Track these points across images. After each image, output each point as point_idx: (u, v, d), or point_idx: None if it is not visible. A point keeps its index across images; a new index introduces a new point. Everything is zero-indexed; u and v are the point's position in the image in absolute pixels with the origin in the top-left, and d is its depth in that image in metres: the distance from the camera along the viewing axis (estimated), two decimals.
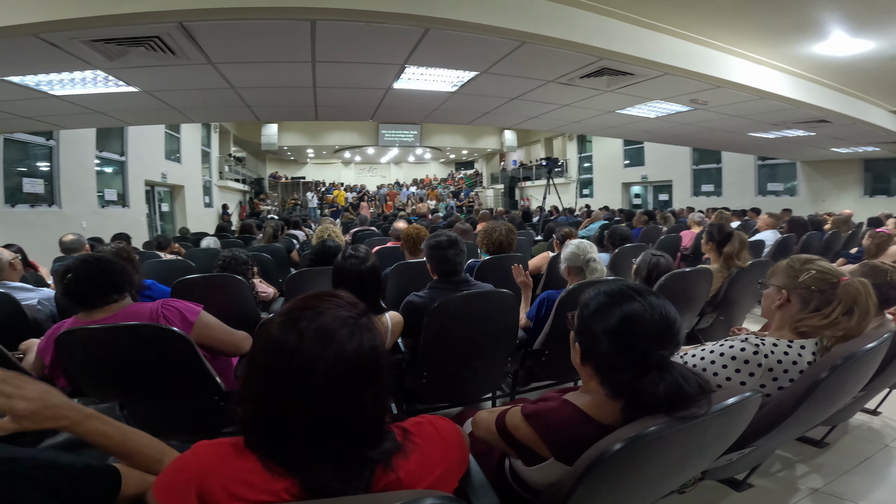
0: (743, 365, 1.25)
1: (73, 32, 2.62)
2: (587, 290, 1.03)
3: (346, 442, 0.69)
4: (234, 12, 2.50)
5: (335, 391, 0.68)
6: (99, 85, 3.79)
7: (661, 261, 2.53)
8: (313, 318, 0.70)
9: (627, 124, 6.48)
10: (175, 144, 11.04)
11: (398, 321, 1.97)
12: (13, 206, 5.90)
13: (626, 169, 14.67)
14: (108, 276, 1.72)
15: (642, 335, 0.89)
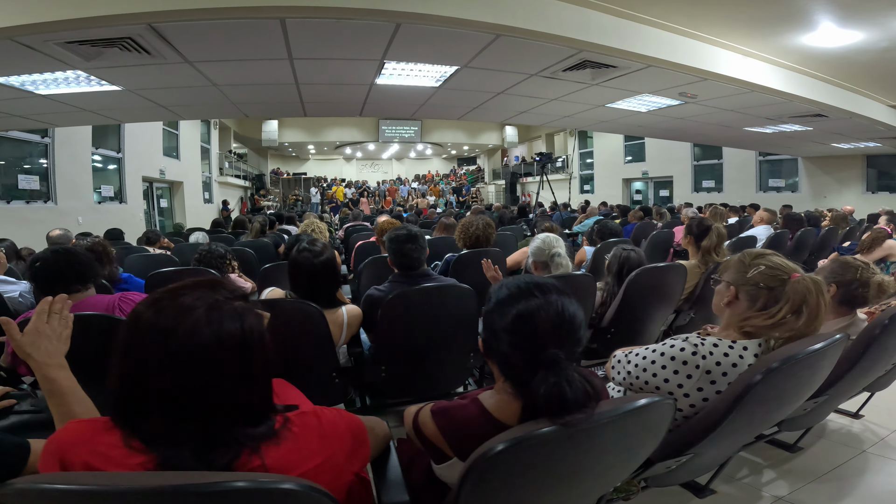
0: (681, 366, 1.20)
1: (46, 35, 2.64)
2: (502, 281, 1.02)
3: (209, 423, 0.69)
4: (202, 13, 2.51)
5: (191, 372, 0.67)
6: (82, 84, 3.81)
7: (632, 255, 2.49)
8: (174, 298, 0.71)
9: (619, 119, 6.42)
10: (174, 141, 11.08)
11: (355, 315, 1.97)
12: (8, 203, 5.97)
13: (627, 165, 14.54)
14: (74, 267, 1.78)
15: (536, 333, 0.87)
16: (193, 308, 0.69)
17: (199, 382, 0.68)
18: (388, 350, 2.00)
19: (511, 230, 5.45)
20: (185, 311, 0.69)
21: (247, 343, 0.71)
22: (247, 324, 0.72)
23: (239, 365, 0.71)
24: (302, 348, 1.78)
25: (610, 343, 2.40)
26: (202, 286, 0.74)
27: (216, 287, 0.75)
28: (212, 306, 0.70)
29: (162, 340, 0.67)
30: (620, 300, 2.34)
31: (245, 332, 0.71)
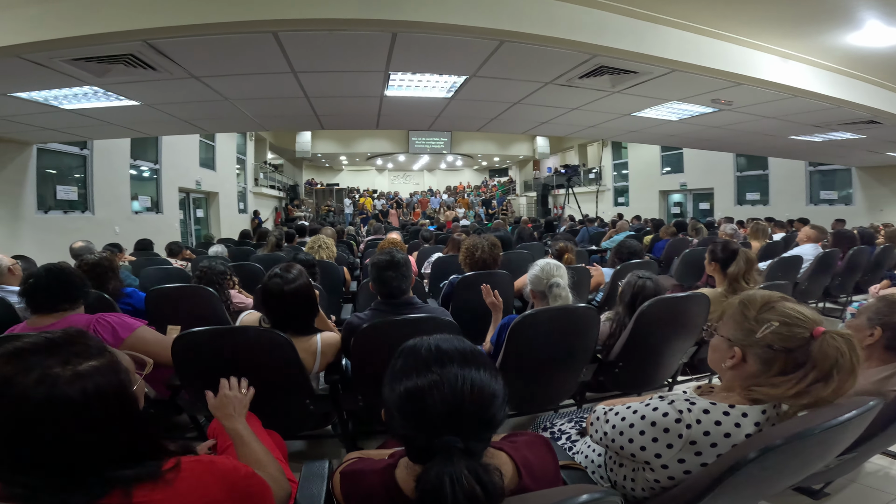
0: (661, 434, 1.01)
1: (51, 52, 2.71)
2: (408, 342, 0.88)
3: (59, 470, 0.70)
4: (193, 29, 2.50)
5: (25, 433, 0.68)
6: (101, 99, 3.93)
7: (648, 284, 2.23)
8: (15, 360, 0.70)
9: (649, 128, 6.07)
10: (210, 152, 11.50)
11: (330, 343, 1.90)
12: (46, 213, 6.28)
13: (664, 176, 13.92)
14: (63, 286, 1.83)
15: (426, 415, 0.74)
16: (27, 371, 0.69)
17: (34, 441, 0.68)
18: (364, 379, 1.91)
19: (531, 248, 5.18)
20: (20, 374, 0.69)
21: (94, 406, 0.71)
22: (92, 386, 0.72)
23: (85, 423, 0.70)
24: (271, 376, 1.73)
25: (618, 378, 2.20)
26: (50, 346, 0.73)
27: (63, 348, 0.74)
28: (46, 372, 0.69)
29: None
30: (630, 332, 2.12)
31: (89, 396, 0.71)
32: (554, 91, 4.19)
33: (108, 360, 0.76)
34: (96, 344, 0.78)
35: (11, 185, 5.55)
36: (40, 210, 6.10)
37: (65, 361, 0.71)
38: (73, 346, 0.74)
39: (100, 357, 0.75)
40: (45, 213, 6.20)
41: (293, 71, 3.41)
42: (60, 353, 0.72)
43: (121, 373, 0.77)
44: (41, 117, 4.38)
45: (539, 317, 1.95)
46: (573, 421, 1.64)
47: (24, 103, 3.84)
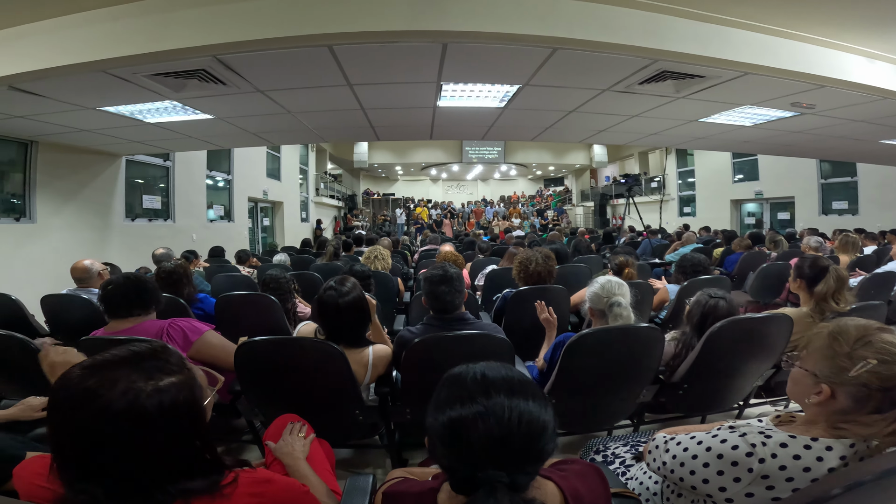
0: (729, 467, 0.95)
1: (133, 68, 2.97)
2: (453, 370, 0.85)
3: (127, 480, 0.73)
4: (256, 43, 2.66)
5: (103, 442, 0.71)
6: (179, 113, 4.27)
7: (720, 304, 2.05)
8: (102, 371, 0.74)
9: (719, 134, 5.68)
10: (276, 163, 12.21)
11: (381, 355, 1.93)
12: (133, 220, 6.92)
13: (736, 184, 12.94)
14: (138, 294, 1.97)
15: (470, 448, 0.70)
16: (113, 384, 0.72)
17: (112, 449, 0.71)
18: (413, 394, 1.91)
19: (588, 261, 4.96)
20: (104, 387, 0.72)
21: (169, 420, 0.74)
22: (169, 400, 0.75)
23: (160, 436, 0.74)
24: (325, 386, 1.80)
25: (681, 399, 2.07)
26: (135, 359, 0.77)
27: (147, 361, 0.78)
28: (130, 385, 0.73)
29: (75, 409, 0.71)
30: (698, 354, 1.97)
31: (165, 409, 0.74)
32: (612, 98, 4.03)
33: (186, 376, 0.80)
34: (177, 360, 0.81)
35: (103, 194, 6.16)
36: (127, 218, 6.71)
37: (148, 376, 0.75)
38: (157, 361, 0.78)
39: (179, 373, 0.79)
40: (131, 220, 6.82)
41: (349, 83, 3.52)
42: (145, 368, 0.76)
43: (196, 389, 0.81)
44: (128, 130, 4.83)
45: (598, 336, 1.86)
46: (628, 445, 1.56)
47: (112, 117, 4.24)
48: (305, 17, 2.59)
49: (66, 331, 2.84)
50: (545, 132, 5.60)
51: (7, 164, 5.02)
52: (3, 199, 5.06)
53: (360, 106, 4.22)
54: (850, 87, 3.45)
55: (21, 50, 2.94)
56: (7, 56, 2.96)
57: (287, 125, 4.92)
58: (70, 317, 2.92)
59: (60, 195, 5.47)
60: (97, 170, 6.01)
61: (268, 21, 2.60)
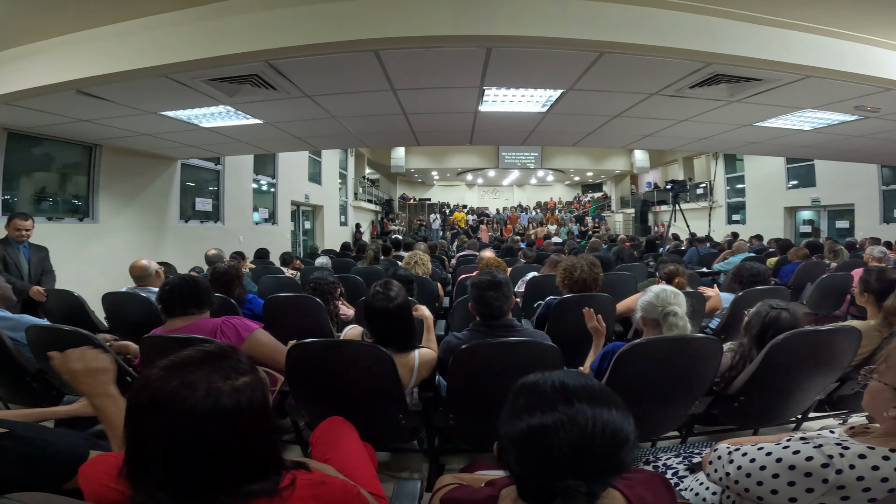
0: (802, 478, 0.95)
1: (193, 72, 3.13)
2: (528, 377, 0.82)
3: (200, 482, 0.74)
4: (305, 49, 2.75)
5: (183, 443, 0.72)
6: (232, 118, 4.47)
7: (783, 316, 1.94)
8: (180, 372, 0.75)
9: (775, 139, 5.40)
10: (317, 168, 12.57)
11: (427, 360, 1.95)
12: (186, 222, 7.28)
13: (790, 191, 12.22)
14: (193, 294, 2.07)
15: (550, 456, 0.69)
16: (194, 386, 0.73)
17: (191, 452, 0.72)
18: (458, 399, 1.91)
19: (632, 269, 4.81)
20: (186, 388, 0.73)
21: (243, 421, 0.76)
22: (245, 400, 0.76)
23: (233, 436, 0.75)
24: (370, 388, 1.83)
25: (736, 412, 1.99)
26: (210, 360, 0.79)
27: (222, 362, 0.79)
28: (211, 386, 0.74)
29: (159, 411, 0.72)
30: (758, 366, 1.88)
31: (242, 410, 0.75)
32: (660, 102, 3.91)
33: (257, 376, 0.82)
34: (246, 360, 0.83)
35: (160, 196, 6.51)
36: (181, 219, 7.07)
37: (225, 377, 0.77)
38: (229, 361, 0.80)
39: (251, 373, 0.81)
40: (185, 222, 7.17)
41: (392, 88, 3.58)
42: (220, 368, 0.77)
43: (265, 389, 0.82)
44: (184, 135, 5.10)
45: (652, 346, 1.80)
46: (680, 456, 1.53)
47: (171, 122, 4.49)
48: (353, 23, 2.66)
49: (123, 327, 3.00)
50: (587, 137, 5.49)
51: (72, 167, 5.38)
52: (69, 199, 5.43)
53: (402, 111, 4.28)
54: None
55: (88, 54, 3.12)
56: (75, 60, 3.14)
57: (331, 130, 5.05)
58: (128, 314, 3.08)
59: (121, 197, 5.83)
60: (155, 173, 6.36)
61: (318, 27, 2.68)
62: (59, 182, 5.32)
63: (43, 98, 3.52)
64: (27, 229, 3.64)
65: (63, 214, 5.26)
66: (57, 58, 3.20)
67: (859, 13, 2.81)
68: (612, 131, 5.13)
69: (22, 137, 4.62)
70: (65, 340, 2.03)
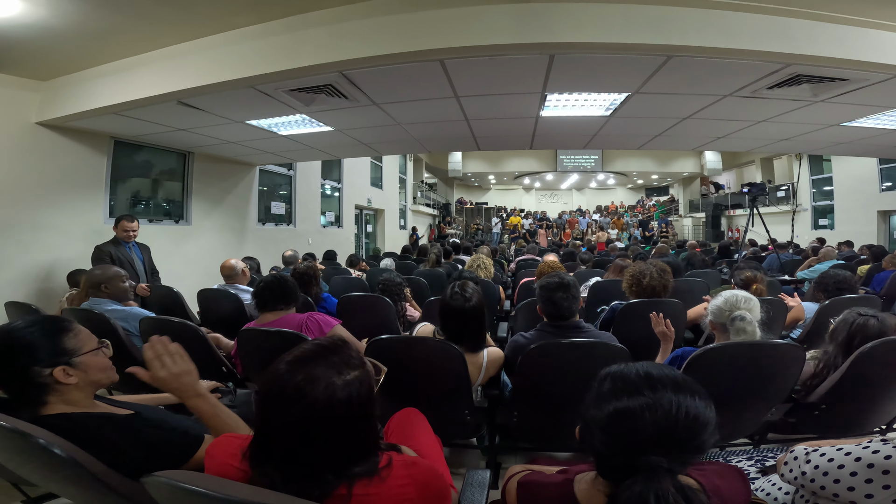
0: (880, 475, 0.97)
1: (275, 83, 3.40)
2: (612, 367, 0.90)
3: (313, 464, 0.84)
4: (376, 60, 2.92)
5: (306, 429, 0.82)
6: (306, 125, 4.79)
7: (871, 323, 1.88)
8: (306, 367, 0.86)
9: (866, 139, 4.95)
10: (378, 172, 13.02)
11: (495, 359, 2.03)
12: (263, 224, 7.83)
13: (884, 193, 10.98)
14: (283, 291, 2.30)
15: (635, 436, 0.76)
16: (316, 381, 0.83)
17: (310, 437, 0.83)
18: (524, 397, 1.98)
19: (704, 276, 4.61)
20: (309, 383, 0.83)
21: (353, 410, 0.85)
22: (355, 392, 0.86)
23: (344, 424, 0.85)
24: (440, 384, 1.93)
25: (817, 420, 1.95)
26: (327, 354, 0.89)
27: (334, 356, 0.89)
28: (329, 381, 0.84)
29: (287, 402, 0.83)
30: (843, 375, 1.83)
31: (353, 401, 0.85)
32: (734, 103, 3.73)
33: (365, 370, 0.91)
34: (357, 355, 0.93)
35: (241, 200, 7.07)
36: (259, 222, 7.62)
37: (338, 371, 0.86)
38: (342, 356, 0.90)
39: (361, 367, 0.91)
40: (262, 224, 7.72)
41: (456, 96, 3.71)
42: (334, 363, 0.87)
43: (372, 380, 0.92)
44: (264, 142, 5.51)
45: (724, 352, 1.77)
46: (752, 459, 1.54)
47: (254, 130, 4.87)
48: (420, 34, 2.80)
49: (214, 321, 3.30)
50: (653, 140, 5.32)
51: (169, 173, 5.97)
52: (165, 203, 6.03)
53: (464, 117, 4.40)
54: None
55: (186, 67, 3.41)
56: (176, 72, 3.44)
57: (395, 136, 5.28)
58: (219, 309, 3.40)
59: (210, 200, 6.39)
60: (237, 178, 6.91)
61: (387, 38, 2.85)
62: (156, 187, 5.90)
63: (147, 108, 3.88)
64: (133, 230, 4.03)
65: (161, 217, 5.87)
66: (159, 69, 3.52)
67: None
68: (681, 133, 4.94)
69: (125, 145, 5.12)
70: (173, 331, 2.26)
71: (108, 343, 1.30)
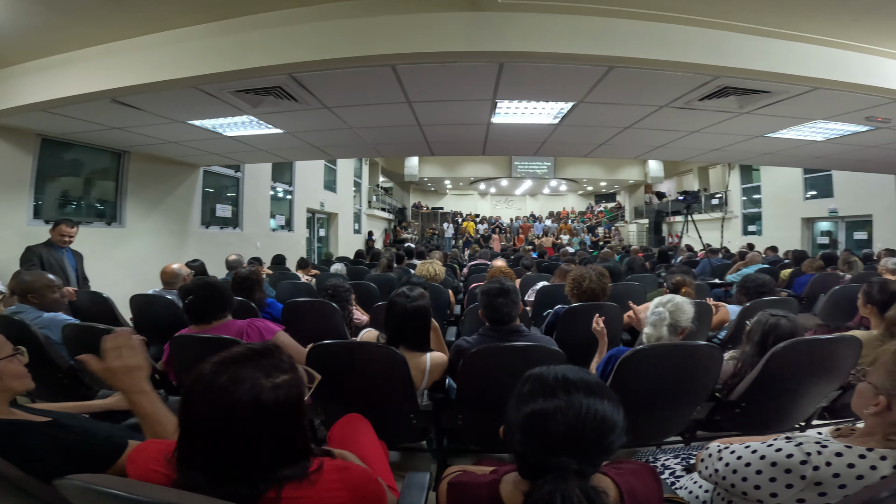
0: (782, 474, 1.01)
1: (220, 84, 3.27)
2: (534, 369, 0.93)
3: (238, 466, 0.83)
4: (327, 63, 2.89)
5: (228, 430, 0.81)
6: (254, 127, 4.63)
7: (782, 323, 2.00)
8: (232, 367, 0.85)
9: (787, 150, 5.39)
10: (332, 176, 12.77)
11: (438, 363, 2.04)
12: (207, 228, 7.47)
13: (807, 201, 12.06)
14: (215, 300, 2.15)
15: (548, 437, 0.80)
16: (241, 381, 0.82)
17: (235, 439, 0.81)
18: (467, 400, 2.00)
19: (642, 280, 4.85)
20: (234, 383, 0.82)
21: (281, 413, 0.84)
22: (283, 395, 0.85)
23: (271, 427, 0.83)
24: (384, 389, 1.92)
25: (738, 418, 2.05)
26: (256, 357, 0.88)
27: (265, 359, 0.88)
28: (255, 382, 0.83)
29: (210, 403, 0.82)
30: (759, 373, 1.93)
31: (280, 403, 0.84)
32: (670, 114, 3.97)
33: (296, 374, 0.91)
34: (288, 359, 0.92)
35: (182, 202, 6.72)
36: (202, 225, 7.26)
37: (268, 374, 0.85)
38: (272, 360, 0.89)
39: (291, 371, 0.90)
40: (206, 227, 7.36)
41: (408, 101, 3.71)
42: (264, 366, 0.86)
43: (301, 386, 0.91)
44: (208, 143, 5.27)
45: (653, 352, 1.87)
46: (679, 457, 1.59)
47: (197, 130, 4.66)
48: (372, 39, 2.79)
49: (149, 328, 3.11)
50: (599, 148, 5.55)
51: (101, 173, 5.59)
52: (97, 204, 5.64)
53: (417, 122, 4.41)
54: None
55: (124, 64, 3.25)
56: (111, 69, 3.28)
57: (348, 140, 5.20)
58: (154, 315, 3.19)
59: (147, 202, 6.03)
60: (178, 179, 6.56)
61: (338, 42, 2.81)
62: (88, 187, 5.52)
63: (79, 106, 3.66)
64: (71, 236, 3.81)
65: (92, 218, 5.47)
66: (94, 67, 3.33)
67: (865, 25, 2.85)
68: (623, 143, 5.19)
69: (54, 143, 4.79)
70: (99, 338, 2.16)
71: (23, 350, 1.26)
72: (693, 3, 2.69)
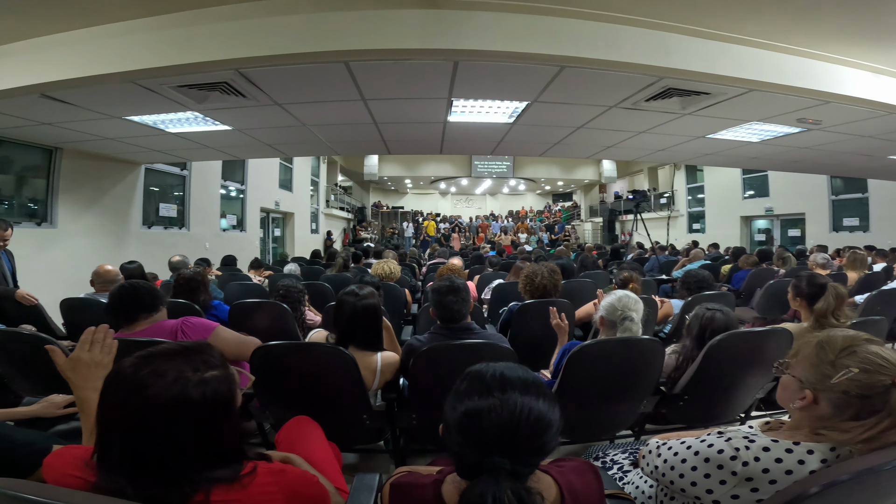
0: (714, 470, 1.00)
1: (161, 79, 3.10)
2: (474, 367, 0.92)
3: (163, 466, 0.78)
4: (275, 59, 2.79)
5: (149, 426, 0.77)
6: (200, 124, 4.41)
7: (717, 316, 2.11)
8: (153, 362, 0.81)
9: (726, 150, 5.72)
10: (288, 174, 12.41)
11: (389, 362, 2.01)
12: (150, 228, 7.06)
13: (746, 201, 12.92)
14: (138, 302, 2.03)
15: (482, 435, 0.78)
16: (164, 374, 0.79)
17: (156, 437, 0.77)
18: (420, 399, 1.98)
19: (594, 276, 5.01)
20: (156, 376, 0.78)
21: (208, 411, 0.81)
22: (211, 392, 0.81)
23: (198, 425, 0.80)
24: (334, 389, 1.88)
25: (682, 411, 2.11)
26: (185, 353, 0.85)
27: (195, 355, 0.85)
28: (179, 375, 0.80)
29: (129, 397, 0.78)
30: (698, 366, 2.01)
31: (208, 400, 0.81)
32: (619, 115, 4.11)
33: (227, 371, 0.88)
34: (219, 356, 0.89)
35: (121, 201, 6.31)
36: (144, 225, 6.86)
37: (195, 368, 0.82)
38: (202, 355, 0.86)
39: (221, 368, 0.87)
40: (148, 227, 6.96)
41: (363, 98, 3.65)
42: (192, 361, 0.83)
43: (233, 384, 0.88)
44: (150, 139, 4.98)
45: (600, 347, 1.91)
46: (627, 452, 1.61)
47: (136, 126, 4.39)
48: (324, 34, 2.72)
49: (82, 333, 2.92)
50: (553, 147, 5.68)
51: (31, 170, 5.19)
52: (26, 203, 5.23)
53: (372, 120, 4.34)
54: (855, 102, 3.50)
55: (54, 58, 3.05)
56: (40, 64, 3.07)
57: (302, 138, 5.06)
58: (87, 320, 2.98)
59: (81, 201, 5.63)
60: (117, 178, 6.17)
61: (288, 37, 2.72)
62: (15, 185, 5.12)
63: (4, 101, 3.41)
64: (4, 239, 3.51)
65: (20, 218, 5.06)
66: (22, 61, 3.12)
67: (801, 27, 3.01)
68: (576, 142, 5.33)
69: None
70: (25, 345, 1.99)
71: None
72: (641, 4, 2.78)
